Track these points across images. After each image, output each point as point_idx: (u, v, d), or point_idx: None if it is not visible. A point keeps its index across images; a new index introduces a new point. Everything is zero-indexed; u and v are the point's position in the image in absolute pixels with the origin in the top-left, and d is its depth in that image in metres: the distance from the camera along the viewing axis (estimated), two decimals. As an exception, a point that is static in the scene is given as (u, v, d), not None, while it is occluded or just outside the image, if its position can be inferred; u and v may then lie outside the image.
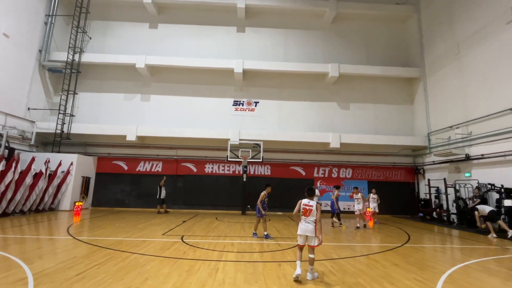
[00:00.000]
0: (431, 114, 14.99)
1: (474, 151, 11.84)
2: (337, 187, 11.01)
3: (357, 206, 10.51)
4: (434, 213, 13.53)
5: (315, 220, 4.40)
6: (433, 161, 14.41)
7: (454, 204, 12.10)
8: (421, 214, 13.75)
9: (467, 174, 12.10)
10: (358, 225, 10.15)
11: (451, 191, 12.48)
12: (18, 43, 13.29)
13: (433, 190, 13.93)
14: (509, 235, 8.55)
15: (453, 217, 12.33)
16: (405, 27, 17.40)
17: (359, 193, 10.70)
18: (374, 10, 16.67)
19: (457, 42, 13.14)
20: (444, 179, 12.89)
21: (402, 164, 16.27)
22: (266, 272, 4.68)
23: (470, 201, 11.13)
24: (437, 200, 13.71)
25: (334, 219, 10.73)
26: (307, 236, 4.41)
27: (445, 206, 12.81)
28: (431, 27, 15.18)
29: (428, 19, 15.49)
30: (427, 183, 14.31)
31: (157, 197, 13.64)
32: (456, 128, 12.83)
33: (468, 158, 11.96)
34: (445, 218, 12.67)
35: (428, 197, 14.12)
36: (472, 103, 12.18)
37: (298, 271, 4.24)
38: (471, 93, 12.27)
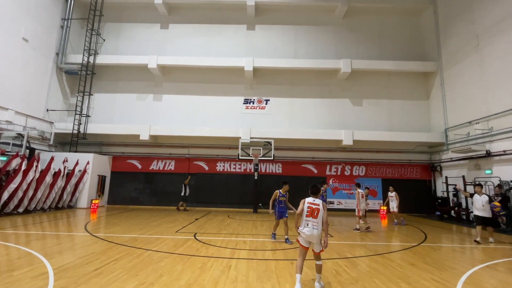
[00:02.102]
0: (448, 109, 14.45)
1: (495, 147, 11.32)
2: (323, 183, 10.57)
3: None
4: (452, 211, 13.07)
5: (322, 222, 3.88)
6: (451, 158, 13.90)
7: (474, 203, 11.63)
8: (438, 213, 13.31)
9: (487, 171, 11.60)
10: (357, 226, 9.12)
11: (470, 189, 11.99)
12: (36, 47, 13.79)
13: (450, 188, 13.45)
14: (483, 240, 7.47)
15: (473, 215, 11.85)
16: (420, 19, 16.81)
17: (357, 189, 9.56)
18: (387, 3, 16.19)
19: (476, 33, 12.56)
20: (463, 177, 12.42)
21: (418, 161, 15.79)
22: (279, 270, 4.65)
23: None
24: (455, 199, 13.22)
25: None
26: (311, 241, 3.90)
27: (464, 205, 12.34)
28: (448, 18, 14.58)
29: (445, 10, 14.88)
30: (444, 180, 13.84)
31: (181, 194, 13.98)
32: (476, 123, 12.31)
33: (488, 154, 11.46)
34: (464, 217, 12.22)
35: (445, 195, 13.65)
36: (493, 97, 11.63)
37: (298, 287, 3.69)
38: (492, 87, 11.72)
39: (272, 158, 14.29)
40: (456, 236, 8.87)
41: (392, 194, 11.13)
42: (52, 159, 11.93)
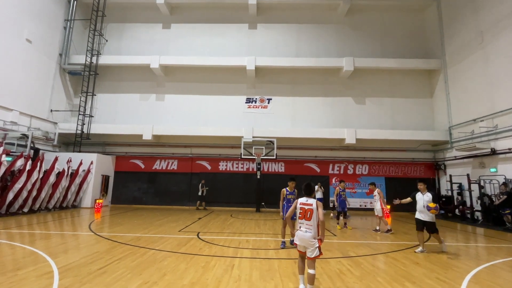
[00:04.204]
0: (452, 107, 14.32)
1: (500, 145, 11.20)
2: (341, 181, 10.22)
3: (376, 205, 8.99)
4: (457, 210, 12.96)
5: (317, 224, 3.59)
6: (455, 156, 13.78)
7: (479, 201, 11.54)
8: (442, 212, 13.21)
9: (492, 170, 11.48)
10: (377, 227, 8.86)
11: (475, 187, 11.90)
12: (40, 48, 13.89)
13: (455, 187, 13.35)
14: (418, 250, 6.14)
15: (477, 214, 11.77)
16: (424, 16, 16.66)
17: (376, 189, 9.14)
18: (390, 0, 16.07)
19: (480, 30, 12.42)
20: (468, 175, 12.30)
21: (422, 160, 15.67)
22: (282, 269, 4.65)
23: (496, 198, 10.57)
24: (459, 197, 13.11)
25: (341, 218, 9.56)
26: (304, 245, 3.64)
27: (468, 203, 12.24)
28: (452, 15, 14.43)
29: (449, 7, 14.73)
30: (448, 179, 13.73)
31: (198, 194, 14.62)
32: (480, 121, 12.19)
33: (493, 152, 11.34)
34: (468, 215, 12.12)
35: (450, 193, 13.55)
36: (498, 94, 11.50)
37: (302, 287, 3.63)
38: (496, 84, 11.59)
39: (274, 157, 14.27)
40: (461, 235, 8.79)
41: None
42: (56, 159, 12.02)
